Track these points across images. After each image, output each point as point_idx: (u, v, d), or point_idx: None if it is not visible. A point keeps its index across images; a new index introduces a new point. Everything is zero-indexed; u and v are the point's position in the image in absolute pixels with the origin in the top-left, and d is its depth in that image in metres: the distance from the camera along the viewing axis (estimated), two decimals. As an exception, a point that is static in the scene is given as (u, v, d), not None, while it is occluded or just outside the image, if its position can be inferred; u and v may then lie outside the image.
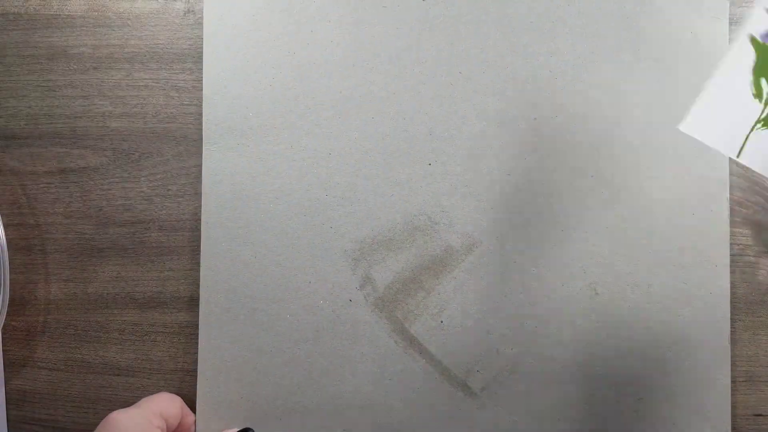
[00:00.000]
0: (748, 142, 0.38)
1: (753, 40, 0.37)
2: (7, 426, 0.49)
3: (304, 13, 0.48)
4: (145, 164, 0.49)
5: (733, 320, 0.47)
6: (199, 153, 0.49)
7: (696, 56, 0.47)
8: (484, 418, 0.47)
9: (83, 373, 0.49)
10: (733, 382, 0.47)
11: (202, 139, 0.48)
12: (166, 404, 0.45)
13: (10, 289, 0.48)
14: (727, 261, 0.47)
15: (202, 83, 0.48)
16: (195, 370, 0.48)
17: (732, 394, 0.47)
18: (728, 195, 0.47)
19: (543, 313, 0.47)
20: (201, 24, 0.49)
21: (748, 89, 0.37)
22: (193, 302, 0.49)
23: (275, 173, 0.48)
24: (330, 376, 0.48)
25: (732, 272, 0.47)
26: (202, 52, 0.49)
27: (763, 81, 0.37)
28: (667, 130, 0.47)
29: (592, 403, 0.47)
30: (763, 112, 0.37)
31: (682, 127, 0.37)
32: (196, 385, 0.48)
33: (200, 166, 0.48)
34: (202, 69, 0.48)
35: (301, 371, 0.48)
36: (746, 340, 0.48)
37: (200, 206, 0.48)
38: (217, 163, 0.48)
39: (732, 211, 0.47)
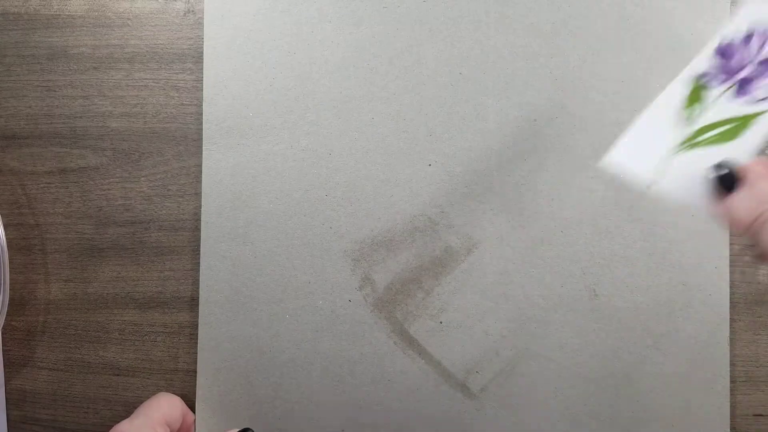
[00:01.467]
0: (671, 166, 0.39)
1: (690, 78, 0.39)
2: (7, 426, 0.49)
3: (304, 13, 0.48)
4: (145, 164, 0.49)
5: (733, 320, 0.47)
6: (199, 153, 0.49)
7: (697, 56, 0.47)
8: (483, 419, 0.47)
9: (83, 373, 0.49)
10: (733, 382, 0.47)
11: (202, 138, 0.48)
12: (167, 409, 0.44)
13: (10, 289, 0.48)
14: (727, 261, 0.47)
15: (202, 83, 0.48)
16: (195, 370, 0.48)
17: (732, 394, 0.47)
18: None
19: (542, 314, 0.47)
20: (201, 24, 0.49)
21: (678, 119, 0.39)
22: (193, 302, 0.49)
23: (275, 173, 0.48)
24: (330, 376, 0.48)
25: (732, 272, 0.47)
26: (202, 52, 0.49)
27: (695, 107, 0.39)
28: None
29: (592, 404, 0.47)
30: (688, 134, 0.39)
31: (603, 163, 0.39)
32: (196, 385, 0.48)
33: (200, 165, 0.48)
34: (202, 69, 0.48)
35: (301, 371, 0.48)
36: (746, 340, 0.48)
37: (200, 206, 0.48)
38: (217, 163, 0.48)
39: (732, 211, 0.47)
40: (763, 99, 0.39)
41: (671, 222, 0.47)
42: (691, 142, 0.39)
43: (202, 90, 0.48)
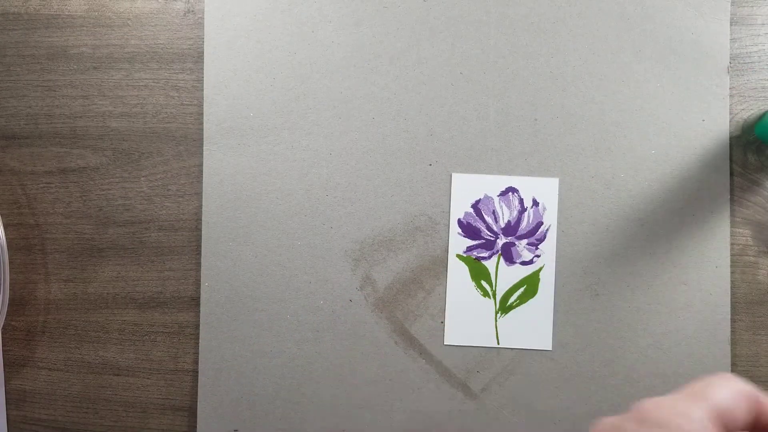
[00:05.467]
0: (499, 330, 0.47)
1: (458, 256, 0.47)
2: (7, 426, 0.49)
3: (304, 13, 0.48)
4: (145, 164, 0.49)
5: (733, 320, 0.47)
6: (199, 153, 0.49)
7: (696, 56, 0.47)
8: (483, 418, 0.47)
9: (83, 373, 0.49)
10: (732, 382, 0.47)
11: (202, 138, 0.48)
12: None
13: (10, 289, 0.48)
14: (728, 261, 0.47)
15: (202, 83, 0.48)
16: (195, 370, 0.48)
17: (732, 394, 0.47)
18: (729, 195, 0.47)
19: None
20: (201, 24, 0.49)
21: (477, 293, 0.47)
22: (193, 302, 0.49)
23: (276, 173, 0.48)
24: (330, 376, 0.48)
25: (732, 272, 0.47)
26: (202, 52, 0.48)
27: (483, 283, 0.47)
28: (667, 131, 0.47)
29: (592, 404, 0.47)
30: (495, 304, 0.47)
31: (446, 341, 0.47)
32: (196, 385, 0.48)
33: (200, 165, 0.48)
34: (202, 69, 0.48)
35: (301, 371, 0.48)
36: (746, 340, 0.48)
37: (200, 206, 0.48)
38: (218, 163, 0.48)
39: (732, 211, 0.47)
40: (529, 262, 0.47)
41: (672, 221, 0.47)
42: (504, 308, 0.47)
43: (202, 90, 0.48)
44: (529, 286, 0.47)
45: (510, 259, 0.47)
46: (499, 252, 0.47)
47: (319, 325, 0.48)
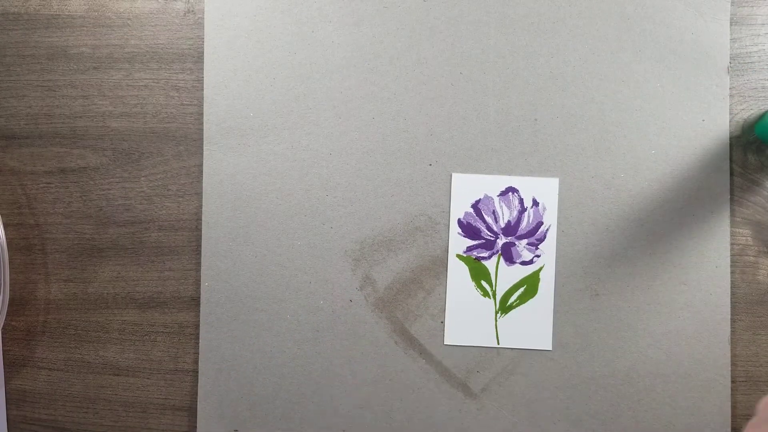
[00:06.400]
0: (499, 330, 0.47)
1: (458, 256, 0.47)
2: (7, 426, 0.49)
3: (304, 13, 0.48)
4: (145, 164, 0.49)
5: (733, 320, 0.47)
6: (199, 153, 0.49)
7: (696, 56, 0.47)
8: (483, 418, 0.47)
9: (83, 373, 0.49)
10: (733, 382, 0.47)
11: (202, 138, 0.48)
12: None
13: (10, 289, 0.48)
14: (728, 261, 0.47)
15: (202, 83, 0.48)
16: (195, 370, 0.48)
17: (732, 394, 0.47)
18: (729, 195, 0.47)
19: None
20: (201, 24, 0.49)
21: (477, 293, 0.47)
22: (193, 302, 0.49)
23: (276, 173, 0.48)
24: (330, 376, 0.48)
25: (732, 272, 0.47)
26: (202, 52, 0.49)
27: (483, 283, 0.47)
28: (667, 131, 0.47)
29: (592, 404, 0.47)
30: (495, 304, 0.47)
31: (446, 341, 0.48)
32: (196, 385, 0.48)
33: (200, 165, 0.48)
34: (202, 69, 0.48)
35: (301, 371, 0.48)
36: (746, 340, 0.48)
37: (200, 206, 0.48)
38: (218, 163, 0.48)
39: (732, 211, 0.47)
40: (529, 261, 0.47)
41: (672, 221, 0.47)
42: (504, 308, 0.47)
43: (202, 90, 0.48)
44: (529, 286, 0.47)
45: (510, 259, 0.47)
46: (499, 252, 0.47)
47: (319, 325, 0.48)
